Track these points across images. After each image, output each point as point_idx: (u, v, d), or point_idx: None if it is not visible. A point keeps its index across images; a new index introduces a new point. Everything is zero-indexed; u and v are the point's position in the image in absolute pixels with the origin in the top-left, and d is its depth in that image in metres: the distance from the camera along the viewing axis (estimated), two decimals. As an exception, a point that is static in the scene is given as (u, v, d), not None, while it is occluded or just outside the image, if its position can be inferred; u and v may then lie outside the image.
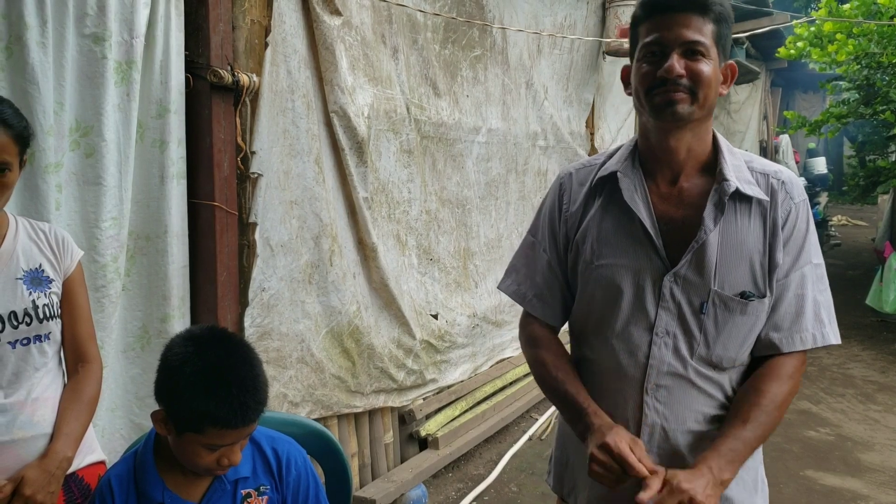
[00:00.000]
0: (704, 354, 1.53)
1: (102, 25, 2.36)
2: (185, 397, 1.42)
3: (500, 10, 4.69)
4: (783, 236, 1.52)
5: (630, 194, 1.56)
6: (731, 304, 1.51)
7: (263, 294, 3.02)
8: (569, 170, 1.73)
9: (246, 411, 1.42)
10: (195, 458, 1.46)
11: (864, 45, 6.10)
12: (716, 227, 1.49)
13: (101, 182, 2.41)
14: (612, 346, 1.59)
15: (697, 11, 1.46)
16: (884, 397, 5.55)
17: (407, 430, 4.13)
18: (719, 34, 1.48)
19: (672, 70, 1.45)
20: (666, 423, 1.56)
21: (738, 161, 1.56)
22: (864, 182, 8.33)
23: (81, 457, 1.85)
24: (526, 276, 1.75)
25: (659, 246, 1.53)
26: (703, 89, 1.46)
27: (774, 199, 1.53)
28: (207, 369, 1.44)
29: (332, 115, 3.31)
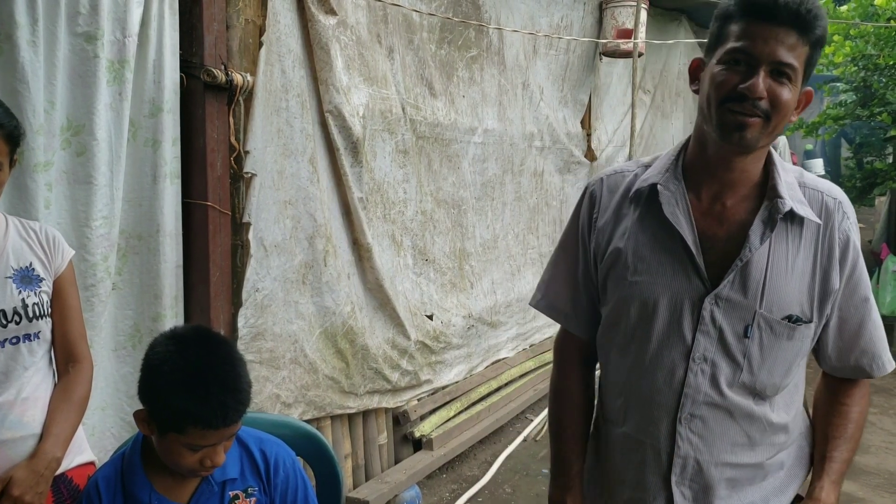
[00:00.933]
0: (748, 381, 1.44)
1: (95, 24, 2.34)
2: (165, 397, 1.41)
3: (497, 11, 4.68)
4: (849, 260, 1.44)
5: (671, 208, 1.44)
6: (777, 329, 1.41)
7: (257, 294, 3.01)
8: (600, 176, 1.61)
9: (226, 411, 1.40)
10: (178, 459, 1.44)
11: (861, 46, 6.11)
12: (762, 244, 1.39)
13: (91, 181, 2.40)
14: (644, 372, 1.49)
15: (798, 29, 1.31)
16: (879, 399, 5.55)
17: (401, 431, 4.12)
18: (811, 59, 1.35)
19: (755, 89, 1.31)
20: (700, 455, 1.46)
21: (791, 178, 1.45)
22: (862, 184, 8.32)
23: (71, 457, 1.84)
24: (557, 292, 1.67)
25: (700, 265, 1.41)
26: (779, 116, 1.34)
27: (831, 219, 1.43)
28: (188, 368, 1.43)
29: (326, 114, 3.30)
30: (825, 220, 1.43)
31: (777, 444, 1.50)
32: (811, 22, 1.30)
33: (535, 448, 4.58)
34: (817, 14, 1.31)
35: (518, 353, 5.26)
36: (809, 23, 1.30)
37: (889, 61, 6.09)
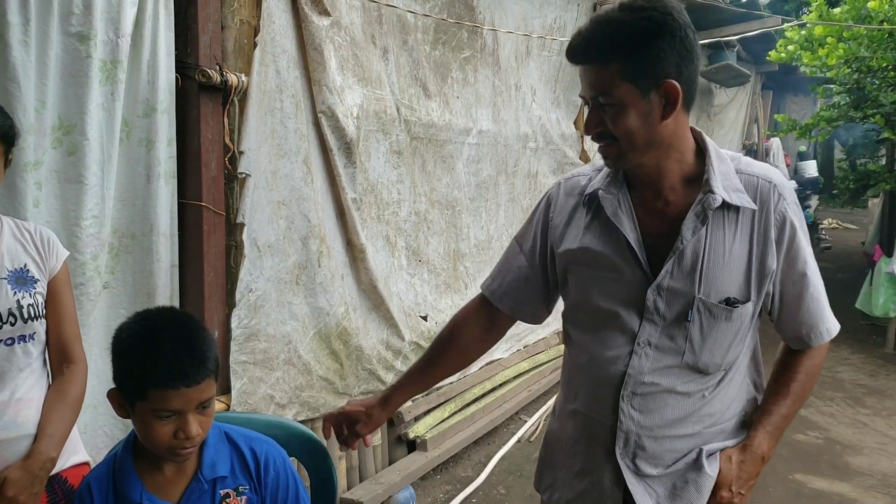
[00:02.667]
0: (691, 361, 1.54)
1: (88, 24, 2.34)
2: (124, 363, 1.44)
3: (491, 12, 4.69)
4: (786, 239, 1.51)
5: (613, 210, 1.55)
6: (715, 311, 1.50)
7: (250, 295, 3.00)
8: (558, 181, 1.74)
9: (182, 367, 1.40)
10: (152, 434, 1.44)
11: (854, 49, 6.12)
12: (694, 237, 1.48)
13: (82, 180, 2.39)
14: (595, 354, 1.61)
15: (593, 62, 1.42)
16: (872, 401, 5.57)
17: (395, 432, 4.11)
18: (632, 66, 1.38)
19: (588, 128, 1.48)
20: (640, 429, 1.57)
21: (727, 167, 1.51)
22: (855, 186, 8.35)
23: (65, 458, 1.84)
24: (499, 274, 1.79)
25: (643, 260, 1.52)
26: (624, 138, 1.43)
27: (766, 201, 1.50)
28: (143, 332, 1.45)
29: (320, 115, 3.29)
30: (760, 203, 1.50)
31: (715, 414, 1.60)
32: (594, 51, 1.42)
33: (529, 449, 4.58)
34: (596, 38, 1.41)
35: (512, 354, 5.26)
36: (593, 53, 1.42)
37: (882, 63, 6.11)
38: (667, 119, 1.43)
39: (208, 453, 1.55)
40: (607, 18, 1.41)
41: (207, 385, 1.45)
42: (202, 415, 1.47)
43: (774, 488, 3.99)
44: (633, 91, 1.40)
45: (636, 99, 1.40)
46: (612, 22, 1.40)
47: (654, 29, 1.38)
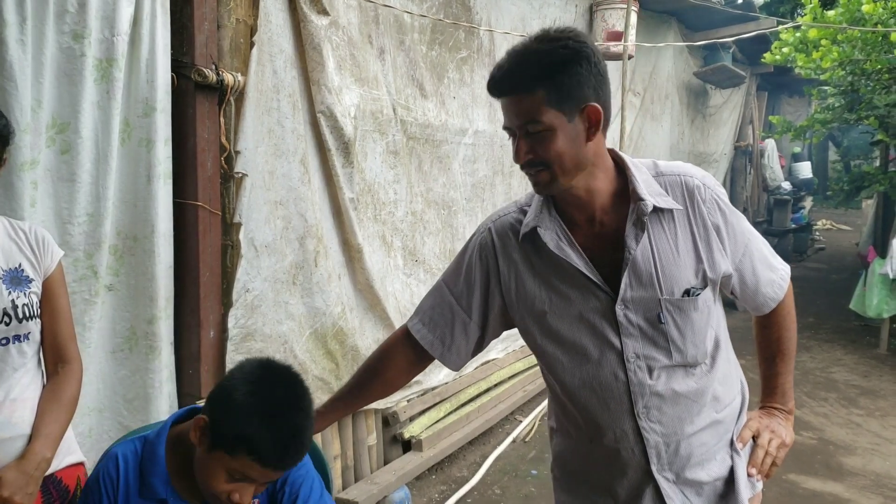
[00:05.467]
0: (680, 359, 1.58)
1: (82, 23, 2.33)
2: (237, 415, 1.41)
3: (487, 13, 4.69)
4: (721, 222, 1.58)
5: (556, 243, 1.57)
6: (682, 305, 1.55)
7: (247, 295, 3.00)
8: (487, 224, 1.74)
9: (285, 456, 1.41)
10: (211, 479, 1.43)
11: (848, 51, 6.14)
12: (638, 245, 1.52)
13: (75, 178, 2.39)
14: (593, 385, 1.61)
15: (520, 90, 1.45)
16: (866, 401, 5.59)
17: (391, 432, 4.11)
18: (556, 93, 1.43)
19: (518, 157, 1.50)
20: (666, 438, 1.59)
21: (646, 175, 1.58)
22: (849, 187, 8.37)
23: (60, 458, 1.83)
24: (430, 320, 1.77)
25: (599, 282, 1.56)
26: (555, 162, 1.47)
27: (694, 195, 1.57)
28: (271, 399, 1.44)
29: (318, 115, 3.29)
30: (689, 197, 1.57)
31: (722, 397, 1.66)
32: (518, 81, 1.45)
33: (524, 449, 4.58)
34: (520, 69, 1.45)
35: (507, 355, 5.26)
36: (518, 83, 1.45)
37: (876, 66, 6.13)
38: (591, 140, 1.49)
39: None
40: (526, 50, 1.46)
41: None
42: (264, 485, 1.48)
43: (768, 488, 4.00)
44: (559, 116, 1.45)
45: (563, 123, 1.45)
46: (533, 52, 1.45)
47: (572, 57, 1.44)
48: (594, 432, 1.65)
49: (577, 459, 1.76)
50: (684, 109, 8.71)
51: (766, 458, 1.68)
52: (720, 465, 1.65)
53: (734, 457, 1.66)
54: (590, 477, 1.73)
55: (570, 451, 1.77)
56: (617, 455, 1.63)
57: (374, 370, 1.84)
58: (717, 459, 1.65)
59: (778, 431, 1.72)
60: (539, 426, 4.92)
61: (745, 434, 1.69)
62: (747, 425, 1.71)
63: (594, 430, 1.65)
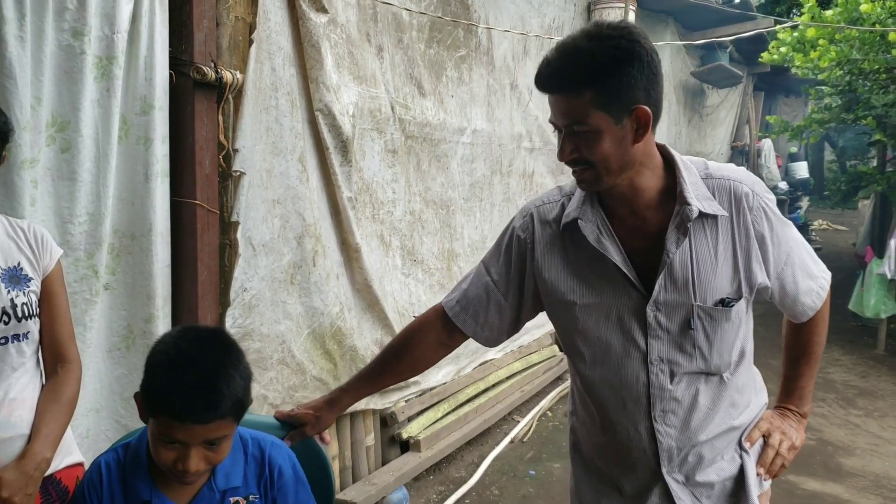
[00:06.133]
0: (704, 367, 1.56)
1: (82, 20, 2.31)
2: (146, 377, 1.41)
3: (486, 11, 4.67)
4: (766, 229, 1.54)
5: (595, 237, 1.56)
6: (714, 314, 1.53)
7: (245, 294, 2.98)
8: (530, 209, 1.72)
9: (193, 405, 1.35)
10: (155, 451, 1.41)
11: (846, 51, 6.13)
12: (678, 249, 1.50)
13: (76, 177, 2.37)
14: (612, 382, 1.61)
15: (566, 90, 1.42)
16: (864, 402, 5.59)
17: (389, 433, 4.10)
18: (605, 95, 1.40)
19: (563, 155, 1.48)
20: (680, 443, 1.59)
21: (695, 176, 1.54)
22: (846, 187, 8.38)
23: (59, 458, 1.81)
24: (464, 296, 1.77)
25: (634, 280, 1.54)
26: (600, 163, 1.45)
27: (741, 202, 1.53)
28: (174, 353, 1.41)
29: (316, 113, 3.27)
30: (736, 203, 1.53)
31: (740, 404, 1.65)
32: (566, 82, 1.41)
33: (522, 449, 4.57)
34: (567, 69, 1.41)
35: (505, 355, 5.25)
36: (565, 84, 1.41)
37: (874, 66, 6.12)
38: (639, 142, 1.46)
39: (222, 464, 1.52)
40: (576, 48, 1.41)
41: (218, 425, 1.39)
42: (210, 450, 1.41)
43: (767, 489, 3.99)
44: (606, 118, 1.41)
45: (610, 126, 1.42)
46: (582, 52, 1.40)
47: (623, 57, 1.39)
48: (608, 427, 1.65)
49: (589, 448, 1.77)
50: (681, 109, 8.71)
51: (777, 458, 1.68)
52: (729, 465, 1.65)
53: (743, 456, 1.66)
54: (599, 467, 1.74)
55: (584, 438, 1.78)
56: (628, 452, 1.64)
57: (403, 347, 1.83)
58: (725, 459, 1.65)
59: (788, 433, 1.71)
60: (537, 426, 4.91)
61: (755, 434, 1.68)
62: (757, 425, 1.69)
63: (608, 426, 1.65)
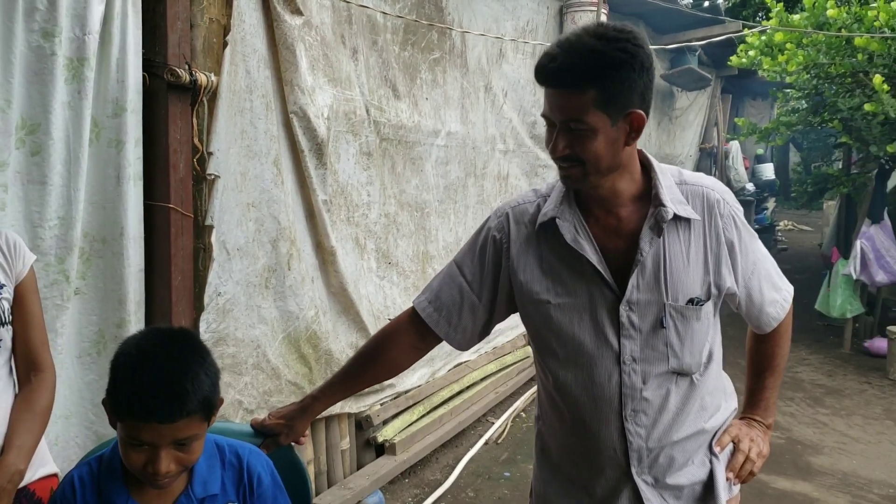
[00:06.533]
0: (676, 366, 1.59)
1: (52, 21, 2.27)
2: (110, 380, 1.39)
3: (460, 13, 4.67)
4: (738, 242, 1.60)
5: (572, 236, 1.58)
6: (686, 313, 1.57)
7: (219, 299, 2.95)
8: (505, 209, 1.73)
9: (155, 403, 1.31)
10: (126, 455, 1.38)
11: (813, 55, 6.22)
12: (651, 248, 1.53)
13: (46, 181, 2.32)
14: (584, 380, 1.61)
15: (570, 87, 1.43)
16: (831, 401, 5.68)
17: (364, 436, 4.08)
18: (606, 95, 1.42)
19: (555, 151, 1.49)
20: (650, 443, 1.61)
21: (669, 181, 1.59)
22: (813, 189, 8.52)
23: (33, 470, 1.78)
24: (436, 297, 1.76)
25: (608, 279, 1.56)
26: (591, 162, 1.47)
27: (713, 208, 1.58)
28: (134, 355, 1.39)
29: (291, 115, 3.24)
30: (709, 209, 1.58)
31: (710, 408, 1.68)
32: (570, 77, 1.42)
33: (497, 451, 4.58)
34: (573, 64, 1.41)
35: (479, 357, 5.25)
36: (569, 79, 1.42)
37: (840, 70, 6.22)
38: (629, 145, 1.51)
39: (199, 471, 1.50)
40: (582, 45, 1.42)
41: (186, 424, 1.36)
42: (181, 451, 1.38)
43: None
44: (604, 118, 1.43)
45: (606, 126, 1.44)
46: (589, 50, 1.41)
47: (628, 60, 1.42)
48: (579, 428, 1.66)
49: (557, 451, 1.77)
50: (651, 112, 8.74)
51: (747, 463, 1.70)
52: (699, 469, 1.67)
53: (713, 460, 1.68)
54: (569, 470, 1.74)
55: (553, 441, 1.78)
56: (598, 453, 1.64)
57: (375, 351, 1.82)
58: (695, 463, 1.66)
59: (756, 440, 1.74)
60: (511, 427, 4.92)
61: (725, 439, 1.71)
62: (727, 431, 1.72)
63: (579, 426, 1.66)
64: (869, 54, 5.89)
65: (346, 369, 1.85)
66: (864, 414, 5.41)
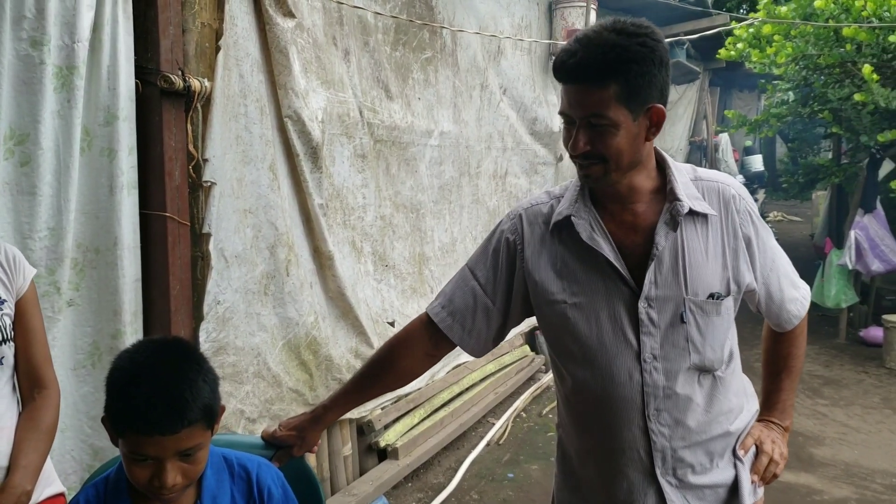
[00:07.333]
0: (698, 362, 1.56)
1: (41, 29, 2.22)
2: (107, 396, 1.36)
3: (451, 12, 4.63)
4: (753, 235, 1.59)
5: (588, 234, 1.56)
6: (706, 308, 1.54)
7: (218, 307, 2.90)
8: (518, 211, 1.71)
9: (155, 416, 1.28)
10: (131, 472, 1.35)
11: (801, 46, 6.22)
12: (667, 243, 1.52)
13: (36, 192, 2.27)
14: (604, 380, 1.58)
15: (591, 81, 1.42)
16: (829, 391, 5.69)
17: (366, 442, 4.04)
18: (627, 90, 1.41)
19: (576, 148, 1.47)
20: (674, 443, 1.58)
21: (685, 178, 1.58)
22: (804, 179, 8.53)
23: (40, 490, 1.74)
24: (449, 302, 1.74)
25: (626, 275, 1.54)
26: (613, 158, 1.46)
27: (729, 204, 1.58)
28: (129, 368, 1.35)
29: (286, 119, 3.20)
30: (725, 205, 1.58)
31: (735, 409, 1.65)
32: (592, 72, 1.40)
33: (499, 452, 4.55)
34: (595, 59, 1.40)
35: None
36: (592, 74, 1.41)
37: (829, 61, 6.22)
38: (649, 140, 1.50)
39: (208, 486, 1.46)
40: (602, 40, 1.41)
41: (189, 434, 1.33)
42: (186, 462, 1.35)
43: (744, 483, 4.03)
44: (625, 113, 1.43)
45: (627, 121, 1.44)
46: (610, 44, 1.40)
47: (648, 55, 1.42)
48: (599, 430, 1.63)
49: (578, 457, 1.73)
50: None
51: (770, 465, 1.68)
52: (723, 472, 1.64)
53: (737, 464, 1.65)
54: (590, 475, 1.70)
55: (572, 448, 1.75)
56: (621, 455, 1.61)
57: (388, 359, 1.78)
58: (720, 467, 1.63)
59: (778, 442, 1.73)
60: (512, 428, 4.89)
61: (748, 441, 1.68)
62: (750, 433, 1.70)
63: (599, 428, 1.63)
64: (857, 44, 5.89)
65: (358, 378, 1.81)
66: (863, 403, 5.42)
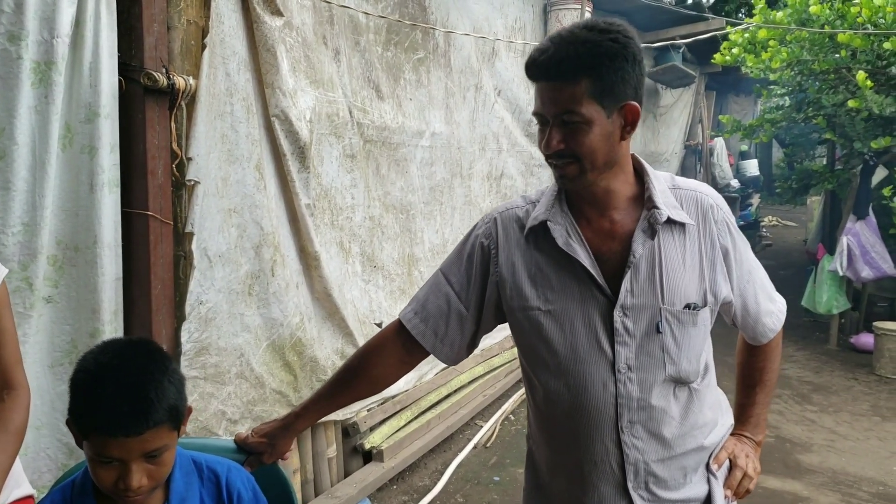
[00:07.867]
0: (674, 373, 1.53)
1: (19, 24, 2.20)
2: (70, 398, 1.33)
3: (444, 13, 4.62)
4: (730, 246, 1.57)
5: (564, 239, 1.53)
6: (682, 318, 1.51)
7: (201, 307, 2.88)
8: (493, 215, 1.68)
9: (119, 416, 1.27)
10: (96, 474, 1.33)
11: (796, 52, 6.22)
12: (644, 251, 1.50)
13: (9, 186, 2.25)
14: (577, 390, 1.54)
15: (563, 78, 1.40)
16: (819, 397, 5.68)
17: (351, 443, 4.02)
18: (600, 86, 1.39)
19: (549, 146, 1.45)
20: (647, 456, 1.54)
21: (662, 185, 1.56)
22: (798, 185, 8.53)
23: (7, 491, 1.71)
24: (422, 308, 1.70)
25: (602, 283, 1.51)
26: (587, 157, 1.43)
27: (707, 213, 1.56)
28: (93, 370, 1.33)
29: (273, 118, 3.18)
30: (703, 215, 1.56)
31: (709, 423, 1.62)
32: (564, 68, 1.38)
33: (485, 455, 4.53)
34: (566, 55, 1.38)
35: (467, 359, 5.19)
36: (563, 70, 1.39)
37: (823, 66, 6.22)
38: (624, 140, 1.47)
39: (177, 488, 1.44)
40: (574, 37, 1.40)
41: (154, 435, 1.31)
42: (152, 464, 1.33)
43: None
44: (598, 110, 1.41)
45: (601, 118, 1.41)
46: (582, 40, 1.39)
47: (620, 51, 1.40)
48: (570, 442, 1.59)
49: (548, 469, 1.70)
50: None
51: (745, 479, 1.67)
52: (696, 487, 1.61)
53: (711, 479, 1.63)
54: (559, 489, 1.67)
55: (542, 460, 1.71)
56: (593, 468, 1.57)
57: (359, 366, 1.75)
58: (693, 482, 1.61)
59: (751, 457, 1.72)
60: (500, 431, 4.87)
61: (722, 456, 1.66)
62: (724, 447, 1.68)
63: (571, 440, 1.59)
64: (852, 50, 5.88)
65: (330, 385, 1.78)
66: (852, 410, 5.41)
